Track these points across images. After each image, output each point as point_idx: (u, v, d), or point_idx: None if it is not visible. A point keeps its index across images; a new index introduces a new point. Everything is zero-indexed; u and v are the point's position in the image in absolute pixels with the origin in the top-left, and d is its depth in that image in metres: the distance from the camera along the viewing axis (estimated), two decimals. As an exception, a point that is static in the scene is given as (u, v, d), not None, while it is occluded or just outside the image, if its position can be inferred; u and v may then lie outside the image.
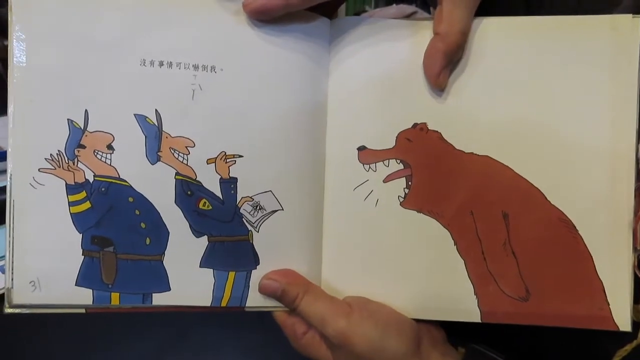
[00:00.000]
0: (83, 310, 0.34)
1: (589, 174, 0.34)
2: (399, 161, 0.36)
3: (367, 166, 0.36)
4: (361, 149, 0.36)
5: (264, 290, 0.35)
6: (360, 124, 0.36)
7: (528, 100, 0.35)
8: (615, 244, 0.34)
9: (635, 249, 0.34)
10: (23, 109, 0.32)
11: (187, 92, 0.34)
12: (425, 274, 0.36)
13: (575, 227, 0.35)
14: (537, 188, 0.35)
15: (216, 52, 0.34)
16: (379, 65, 0.36)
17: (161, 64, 0.33)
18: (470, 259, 0.36)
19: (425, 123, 0.36)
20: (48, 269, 0.33)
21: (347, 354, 0.34)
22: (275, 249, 0.36)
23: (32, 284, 0.33)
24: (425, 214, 0.36)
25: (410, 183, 0.36)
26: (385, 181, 0.36)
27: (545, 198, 0.35)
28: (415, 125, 0.36)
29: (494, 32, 0.35)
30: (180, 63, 0.33)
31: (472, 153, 0.35)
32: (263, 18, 0.34)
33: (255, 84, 0.35)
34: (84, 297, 0.34)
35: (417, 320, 0.36)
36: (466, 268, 0.36)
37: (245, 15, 0.34)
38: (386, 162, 0.36)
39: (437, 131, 0.35)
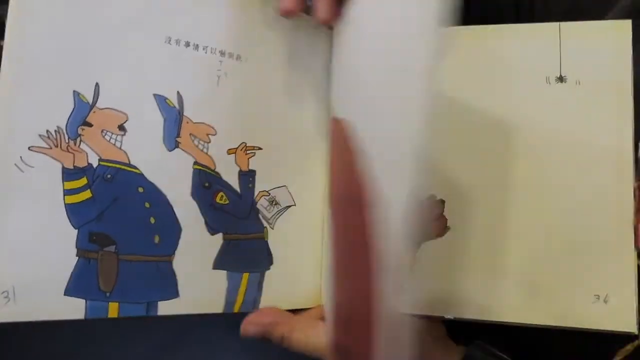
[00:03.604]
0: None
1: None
2: None
3: None
4: None
5: (245, 335, 0.33)
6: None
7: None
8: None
9: (636, 247, 0.33)
10: (16, 73, 0.26)
11: (213, 78, 0.32)
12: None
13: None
14: None
15: (241, 42, 0.33)
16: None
17: (187, 44, 0.31)
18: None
19: None
20: (29, 274, 0.26)
21: None
22: (288, 247, 0.35)
23: (4, 295, 0.26)
24: None
25: None
26: None
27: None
28: None
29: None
30: (207, 47, 0.32)
31: None
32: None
33: (276, 78, 0.34)
34: (75, 309, 0.27)
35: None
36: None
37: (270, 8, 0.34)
38: None
39: None
